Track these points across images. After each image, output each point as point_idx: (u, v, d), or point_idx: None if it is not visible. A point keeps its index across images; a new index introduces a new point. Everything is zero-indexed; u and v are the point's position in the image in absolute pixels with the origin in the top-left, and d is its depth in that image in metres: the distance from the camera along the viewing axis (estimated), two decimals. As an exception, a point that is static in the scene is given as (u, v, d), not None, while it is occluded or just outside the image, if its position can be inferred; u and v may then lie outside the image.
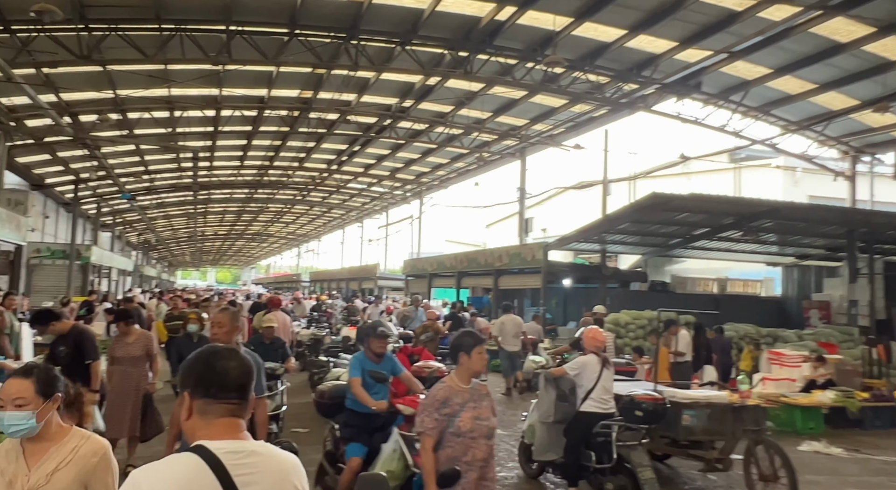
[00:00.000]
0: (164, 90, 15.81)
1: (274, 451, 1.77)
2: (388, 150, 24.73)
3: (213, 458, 1.62)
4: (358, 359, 5.08)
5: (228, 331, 4.22)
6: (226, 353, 1.82)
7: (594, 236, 17.51)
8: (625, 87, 15.62)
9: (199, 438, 1.68)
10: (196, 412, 1.73)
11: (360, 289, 35.88)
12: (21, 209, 14.48)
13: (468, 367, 3.57)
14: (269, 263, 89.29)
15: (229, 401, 1.73)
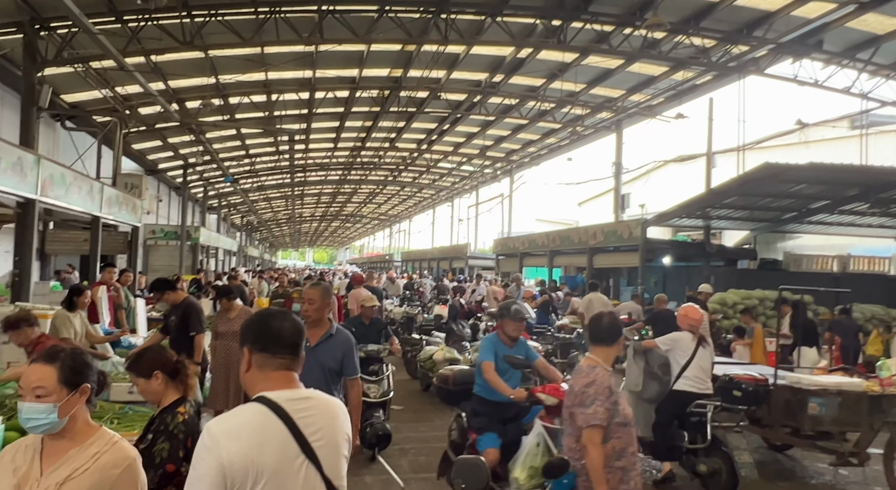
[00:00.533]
0: (261, 74, 16.26)
1: (324, 396, 2.03)
2: (478, 128, 24.42)
3: (276, 404, 1.85)
4: (491, 341, 4.71)
5: (319, 307, 4.09)
6: (280, 314, 2.08)
7: (697, 211, 16.46)
8: (733, 49, 14.43)
9: (258, 390, 1.91)
10: (255, 366, 1.96)
11: (450, 268, 36.05)
12: (136, 192, 15.41)
13: (614, 353, 3.34)
14: (363, 244, 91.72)
15: (283, 356, 1.95)
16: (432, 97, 19.48)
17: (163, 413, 2.87)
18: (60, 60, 11.33)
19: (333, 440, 1.95)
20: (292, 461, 1.82)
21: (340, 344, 4.05)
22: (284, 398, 1.88)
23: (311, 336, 3.99)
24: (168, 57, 13.79)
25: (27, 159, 9.13)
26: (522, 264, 25.95)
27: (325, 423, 1.93)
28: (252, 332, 2.01)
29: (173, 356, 3.06)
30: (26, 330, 4.99)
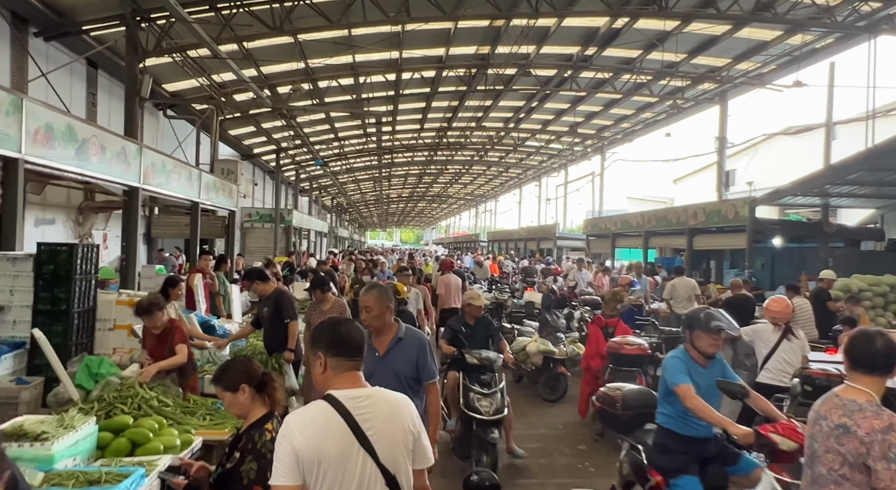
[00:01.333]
0: (349, 57, 16.20)
1: (386, 393, 2.30)
2: (568, 104, 23.46)
3: (338, 402, 2.14)
4: (680, 359, 3.77)
5: (377, 314, 3.58)
6: (345, 322, 2.41)
7: (814, 189, 15.01)
8: (863, 6, 12.85)
9: (329, 389, 2.22)
10: (329, 368, 2.25)
11: (537, 249, 35.34)
12: (232, 178, 15.86)
13: (884, 384, 2.63)
14: (449, 224, 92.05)
15: (352, 358, 2.27)
16: (521, 74, 18.80)
17: (250, 430, 2.66)
18: (159, 50, 11.66)
19: (390, 433, 2.18)
20: (350, 450, 2.10)
21: (413, 346, 3.63)
22: (348, 397, 2.18)
23: (378, 344, 3.62)
24: (259, 43, 13.95)
25: (130, 149, 9.43)
26: (615, 245, 24.93)
27: (382, 417, 2.19)
28: (326, 338, 2.29)
29: (259, 368, 2.85)
30: (158, 314, 5.11)
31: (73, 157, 7.76)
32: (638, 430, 4.14)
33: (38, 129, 6.97)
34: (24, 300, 6.32)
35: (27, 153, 6.73)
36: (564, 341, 8.45)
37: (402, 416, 2.24)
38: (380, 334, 3.64)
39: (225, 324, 7.89)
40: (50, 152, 7.24)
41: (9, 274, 6.35)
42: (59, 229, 12.08)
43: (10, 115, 6.43)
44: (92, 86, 13.30)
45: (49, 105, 7.52)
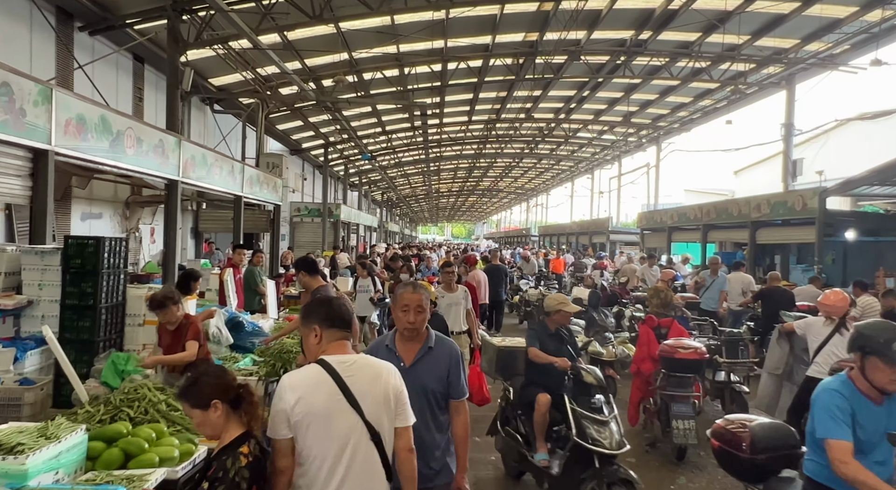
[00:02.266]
0: (393, 47, 15.87)
1: (371, 359, 2.62)
2: (621, 93, 22.52)
3: (329, 365, 2.45)
4: (841, 395, 2.80)
5: (426, 317, 3.13)
6: (336, 299, 2.73)
7: (893, 177, 13.78)
8: (953, -26, 11.63)
9: (321, 355, 2.51)
10: (323, 338, 2.55)
11: (590, 243, 34.38)
12: (277, 171, 15.80)
13: None
14: (499, 218, 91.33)
15: (342, 329, 2.58)
16: (571, 61, 18.08)
17: (221, 454, 2.26)
18: (200, 42, 11.58)
19: (373, 393, 2.45)
20: (336, 404, 2.37)
21: (444, 358, 3.12)
22: (337, 361, 2.46)
23: (405, 352, 3.10)
24: (301, 33, 13.76)
25: (168, 141, 9.32)
26: (671, 239, 23.84)
27: (367, 378, 2.47)
28: (322, 312, 2.58)
29: (234, 379, 2.46)
30: (172, 308, 4.87)
31: (107, 150, 7.65)
32: (773, 480, 3.30)
33: (69, 120, 6.85)
34: (53, 295, 6.20)
35: (57, 145, 6.62)
36: (613, 342, 7.86)
37: (385, 379, 2.50)
38: (408, 341, 3.12)
39: (259, 320, 7.66)
40: (82, 144, 7.12)
41: (37, 268, 6.24)
42: (105, 224, 12.20)
43: (39, 105, 6.31)
44: (138, 81, 13.39)
45: (81, 96, 7.42)
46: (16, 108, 5.97)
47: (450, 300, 7.47)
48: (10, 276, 6.33)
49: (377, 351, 3.10)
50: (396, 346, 3.14)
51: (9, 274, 6.31)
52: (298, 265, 5.93)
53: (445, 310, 7.25)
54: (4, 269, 6.26)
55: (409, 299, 3.08)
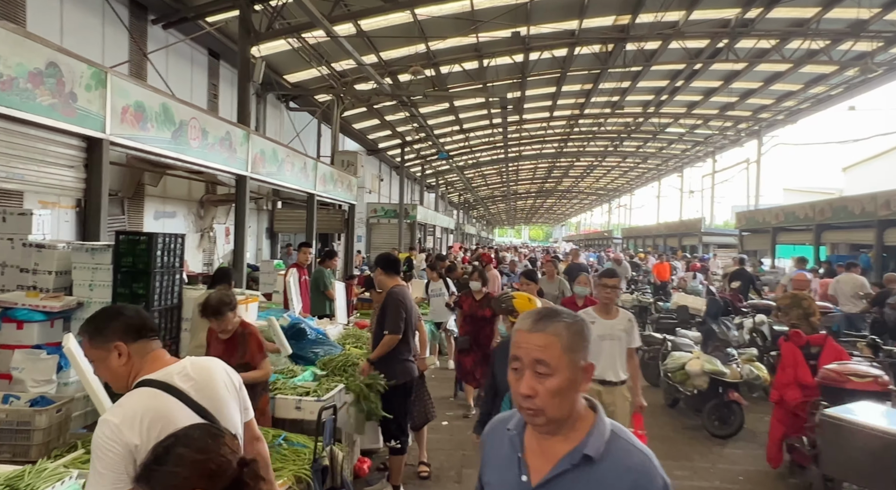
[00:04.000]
0: (472, 37, 14.97)
1: (196, 360, 2.12)
2: (720, 82, 20.63)
3: (162, 383, 1.95)
4: None
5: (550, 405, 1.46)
6: (123, 305, 2.27)
7: None
8: None
9: (139, 376, 2.02)
10: (133, 355, 2.03)
11: (679, 245, 32.26)
12: (352, 169, 15.23)
13: None
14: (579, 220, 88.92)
15: (153, 337, 2.11)
16: (664, 48, 16.58)
17: None
18: (272, 32, 11.09)
19: (219, 395, 2.05)
20: None
21: None
22: (168, 374, 1.99)
23: (538, 456, 1.53)
24: (376, 23, 13.10)
25: (236, 134, 8.78)
26: (775, 241, 21.70)
27: (207, 382, 2.04)
28: (116, 324, 2.02)
29: (232, 453, 1.57)
30: (228, 315, 4.16)
31: (168, 141, 7.13)
32: None
33: (127, 107, 6.33)
34: (104, 296, 5.64)
35: (113, 133, 6.10)
36: (737, 359, 6.56)
37: (220, 374, 2.11)
38: (545, 434, 1.52)
39: (326, 326, 6.90)
40: (141, 134, 6.60)
41: (88, 266, 5.70)
42: (179, 222, 11.95)
43: (93, 89, 5.79)
44: (213, 77, 13.14)
45: (139, 81, 6.92)
46: (65, 92, 5.45)
47: (604, 330, 4.60)
48: (62, 276, 5.84)
49: (492, 436, 1.68)
50: (525, 439, 1.58)
51: (60, 273, 5.82)
52: (377, 262, 5.10)
53: (597, 347, 4.58)
54: (55, 268, 5.77)
55: (526, 344, 1.49)
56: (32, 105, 5.06)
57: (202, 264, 12.63)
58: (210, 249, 12.94)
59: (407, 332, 4.74)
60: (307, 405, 4.28)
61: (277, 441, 3.54)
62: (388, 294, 4.97)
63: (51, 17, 8.64)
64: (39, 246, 5.87)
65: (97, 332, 2.00)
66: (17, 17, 7.89)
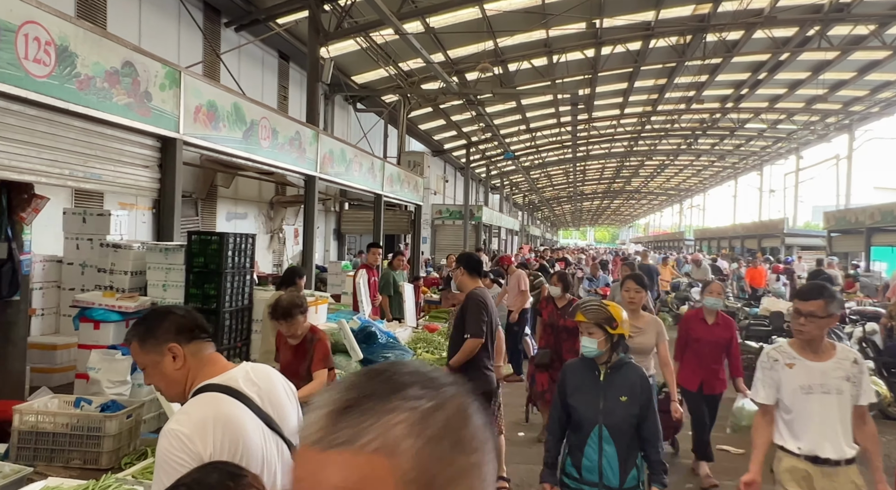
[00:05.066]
0: (542, 31, 14.53)
1: (255, 364, 1.94)
2: (807, 73, 19.32)
3: (227, 388, 1.76)
4: None
5: None
6: (172, 307, 2.05)
7: None
8: None
9: (197, 380, 1.84)
10: (189, 356, 1.83)
11: (759, 247, 30.57)
12: (418, 170, 15.08)
13: None
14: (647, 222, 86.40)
15: (208, 337, 1.91)
16: (748, 37, 15.62)
17: None
18: (341, 32, 11.03)
19: (282, 402, 1.89)
20: (263, 439, 1.84)
21: None
22: (232, 379, 1.82)
23: None
24: (444, 20, 12.88)
25: (305, 134, 8.72)
26: (870, 242, 20.13)
27: (270, 388, 1.89)
28: (168, 325, 1.84)
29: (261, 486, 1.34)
30: (299, 319, 3.96)
31: (240, 141, 7.08)
32: None
33: (199, 106, 6.30)
34: (177, 296, 5.61)
35: (186, 133, 6.06)
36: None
37: (280, 381, 1.94)
38: None
39: (396, 329, 6.67)
40: (213, 133, 6.56)
41: (161, 267, 5.69)
42: (250, 223, 12.08)
43: (167, 89, 5.77)
44: (283, 79, 13.25)
45: (211, 81, 6.90)
46: (140, 91, 5.43)
47: (811, 378, 3.14)
48: (137, 276, 5.86)
49: None
50: None
51: (135, 273, 5.84)
52: (459, 261, 4.77)
53: (801, 405, 3.14)
54: (130, 268, 5.78)
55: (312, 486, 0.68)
56: (109, 104, 5.04)
57: (272, 265, 12.74)
58: (279, 250, 13.04)
59: (487, 338, 4.41)
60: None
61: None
62: (468, 296, 4.58)
63: (130, 21, 8.83)
64: (116, 246, 5.91)
65: (148, 333, 1.81)
66: (98, 19, 8.07)
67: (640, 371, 3.03)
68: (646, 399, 2.92)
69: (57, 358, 6.00)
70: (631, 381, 2.96)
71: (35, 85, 4.35)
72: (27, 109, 4.46)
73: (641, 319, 4.54)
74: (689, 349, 5.16)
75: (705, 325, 5.13)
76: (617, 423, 2.88)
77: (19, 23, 4.17)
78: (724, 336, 5.11)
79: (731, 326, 5.22)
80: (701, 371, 5.10)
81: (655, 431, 2.93)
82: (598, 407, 2.91)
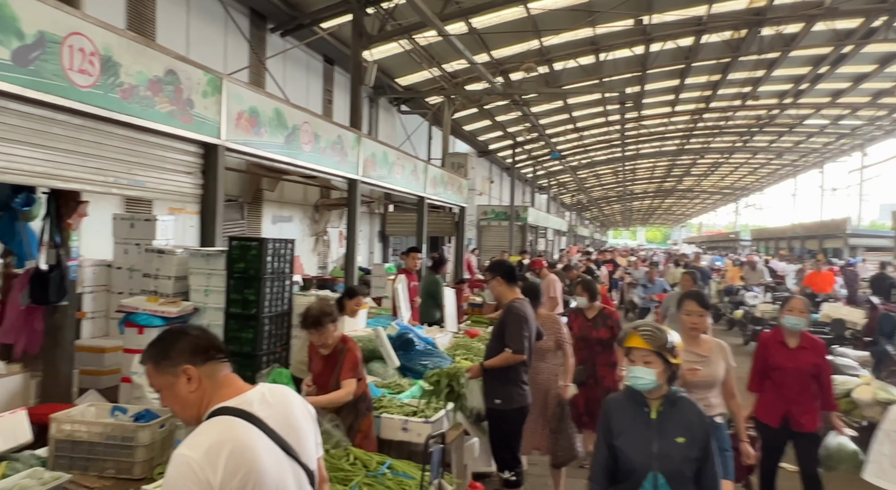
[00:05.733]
0: (589, 29, 14.22)
1: (271, 386, 1.87)
2: (873, 66, 18.33)
3: (243, 412, 1.71)
4: None
5: None
6: (186, 326, 1.95)
7: None
8: None
9: (211, 403, 1.77)
10: (204, 378, 1.77)
11: (820, 248, 29.24)
12: (462, 171, 14.98)
13: None
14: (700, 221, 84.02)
15: (223, 358, 1.82)
16: (808, 30, 14.89)
17: None
18: (384, 34, 11.03)
19: (299, 426, 1.83)
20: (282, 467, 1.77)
21: None
22: (247, 402, 1.75)
23: None
24: (487, 20, 12.75)
25: (347, 137, 8.73)
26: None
27: (287, 412, 1.82)
28: (182, 346, 1.77)
29: None
30: (329, 328, 3.87)
31: (282, 146, 7.12)
32: None
33: (241, 112, 6.36)
34: (219, 301, 5.66)
35: (228, 139, 6.12)
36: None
37: (298, 403, 1.87)
38: None
39: (436, 334, 6.58)
40: (255, 139, 6.61)
41: (203, 272, 5.74)
42: (295, 227, 12.22)
43: (209, 96, 5.83)
44: (328, 83, 13.36)
45: (253, 87, 6.97)
46: (183, 99, 5.50)
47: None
48: (180, 281, 5.94)
49: None
50: None
51: (178, 278, 5.92)
52: (494, 269, 4.57)
53: None
54: (174, 273, 5.87)
55: None
56: (151, 112, 5.12)
57: (317, 268, 12.86)
58: (324, 253, 13.16)
59: (528, 353, 4.26)
60: (414, 427, 3.94)
61: (381, 469, 3.20)
62: (507, 309, 4.35)
63: (178, 30, 9.03)
64: (160, 251, 6.01)
65: (162, 355, 1.76)
66: (147, 30, 8.28)
67: (697, 407, 2.59)
68: (706, 441, 2.47)
69: (105, 361, 6.15)
70: (688, 419, 2.51)
71: (80, 95, 4.44)
72: (72, 119, 4.56)
73: (704, 345, 3.78)
74: (769, 380, 4.31)
75: (787, 349, 4.25)
76: (675, 469, 2.45)
77: (64, 34, 4.25)
78: (811, 362, 4.21)
79: (819, 350, 4.30)
80: (783, 404, 4.22)
81: (715, 483, 2.49)
82: (652, 450, 2.47)
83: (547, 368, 4.79)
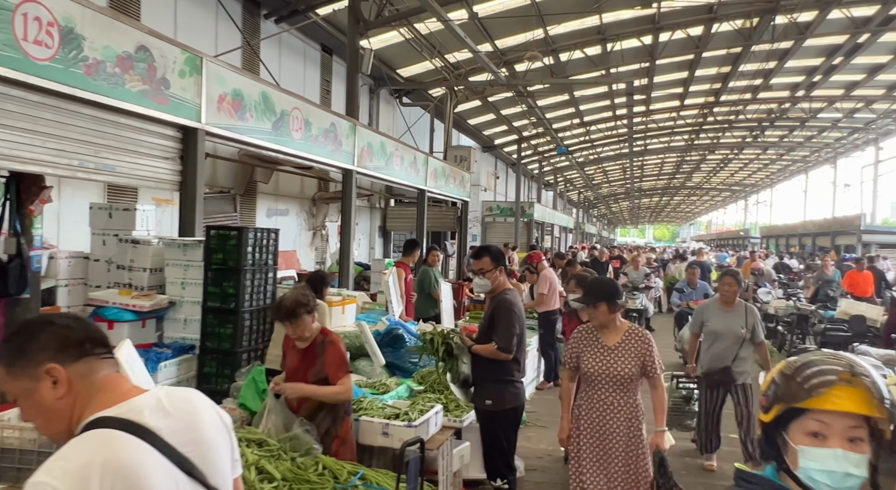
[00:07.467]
0: (595, 17, 13.78)
1: (173, 389, 1.51)
2: (889, 56, 17.80)
3: (129, 422, 1.37)
4: None
5: None
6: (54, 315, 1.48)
7: None
8: None
9: (89, 410, 1.38)
10: (77, 379, 1.41)
11: (832, 245, 28.67)
12: (465, 165, 14.59)
13: None
14: (709, 219, 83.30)
15: (106, 354, 1.43)
16: (822, 18, 14.39)
17: None
18: (381, 20, 10.63)
19: (208, 439, 1.44)
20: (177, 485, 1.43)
21: None
22: (135, 409, 1.35)
23: None
24: (490, 7, 12.35)
25: (341, 126, 8.36)
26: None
27: (191, 422, 1.43)
28: (49, 340, 1.34)
29: None
30: (305, 319, 3.44)
31: (269, 132, 6.76)
32: None
33: (224, 95, 5.99)
34: (196, 295, 5.31)
35: (209, 123, 5.75)
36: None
37: (206, 411, 1.46)
38: None
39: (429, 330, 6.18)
40: (239, 124, 6.25)
41: (180, 263, 5.40)
42: (291, 220, 11.86)
43: (186, 76, 5.47)
44: (326, 73, 13.00)
45: (237, 68, 6.60)
46: (157, 78, 5.13)
47: None
48: (156, 273, 5.59)
49: None
50: None
51: (154, 270, 5.57)
52: (484, 254, 4.11)
53: None
54: (149, 265, 5.52)
55: None
56: (121, 91, 4.75)
57: (315, 262, 12.50)
58: (322, 248, 12.79)
59: (519, 351, 3.85)
60: (396, 431, 3.54)
61: (353, 480, 2.82)
62: (498, 302, 3.91)
63: (165, 13, 8.67)
64: (135, 241, 5.66)
65: (18, 352, 1.32)
66: (131, 11, 7.93)
67: None
68: None
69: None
70: None
71: (36, 68, 4.08)
72: (29, 95, 4.20)
73: None
74: None
75: None
76: None
77: (17, 1, 3.90)
78: None
79: None
80: None
81: None
82: None
83: (619, 402, 3.43)
